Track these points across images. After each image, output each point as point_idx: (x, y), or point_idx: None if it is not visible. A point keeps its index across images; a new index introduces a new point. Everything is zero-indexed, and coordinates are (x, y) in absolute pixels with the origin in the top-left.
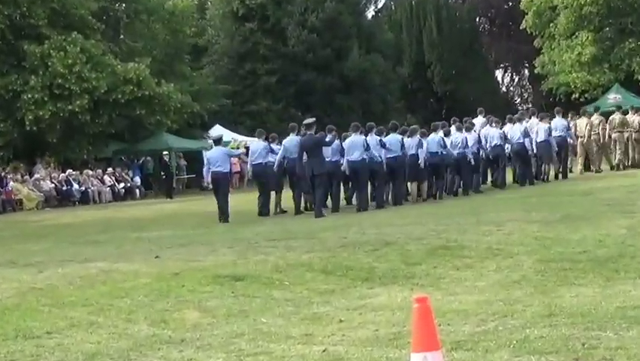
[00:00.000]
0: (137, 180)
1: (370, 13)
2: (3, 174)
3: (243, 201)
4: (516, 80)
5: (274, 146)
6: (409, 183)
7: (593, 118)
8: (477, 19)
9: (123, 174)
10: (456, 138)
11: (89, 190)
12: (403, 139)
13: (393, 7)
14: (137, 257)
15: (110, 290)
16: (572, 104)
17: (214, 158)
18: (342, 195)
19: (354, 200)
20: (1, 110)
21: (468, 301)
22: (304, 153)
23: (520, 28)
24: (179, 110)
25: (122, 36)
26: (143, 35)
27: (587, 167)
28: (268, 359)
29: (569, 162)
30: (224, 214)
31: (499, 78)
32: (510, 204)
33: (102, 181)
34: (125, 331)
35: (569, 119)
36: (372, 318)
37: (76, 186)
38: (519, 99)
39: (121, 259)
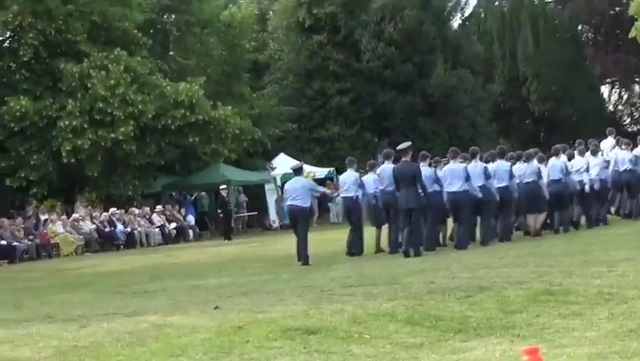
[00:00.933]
0: (191, 219)
1: (456, 23)
2: (36, 214)
3: (312, 241)
4: (625, 97)
5: (368, 178)
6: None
7: None
8: (579, 28)
9: (174, 212)
10: (578, 163)
11: (136, 232)
12: (511, 167)
13: (482, 15)
14: (194, 309)
15: (163, 348)
16: None
17: (292, 189)
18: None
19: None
20: (35, 140)
21: (578, 354)
22: (398, 182)
23: (629, 37)
24: (238, 136)
25: (171, 52)
26: (195, 51)
27: None
28: None
29: None
30: (302, 257)
31: (605, 95)
32: (623, 241)
33: (150, 221)
34: None
35: None
36: None
37: (120, 227)
38: (628, 119)
39: (175, 312)
